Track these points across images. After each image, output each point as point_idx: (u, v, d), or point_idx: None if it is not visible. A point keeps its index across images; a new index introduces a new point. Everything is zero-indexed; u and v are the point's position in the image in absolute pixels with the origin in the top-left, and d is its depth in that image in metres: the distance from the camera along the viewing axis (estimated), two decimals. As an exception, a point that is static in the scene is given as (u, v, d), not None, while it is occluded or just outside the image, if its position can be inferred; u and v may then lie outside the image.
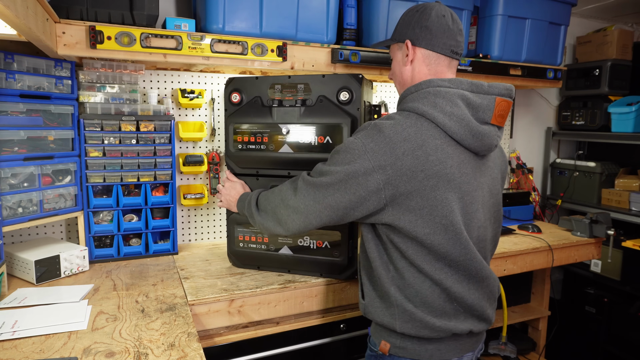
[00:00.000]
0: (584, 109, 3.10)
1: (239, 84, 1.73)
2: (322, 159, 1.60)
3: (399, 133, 1.15)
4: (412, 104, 1.21)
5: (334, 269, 1.70)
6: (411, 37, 1.29)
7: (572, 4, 2.50)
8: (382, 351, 1.27)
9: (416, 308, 1.21)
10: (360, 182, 1.16)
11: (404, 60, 1.33)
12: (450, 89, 1.19)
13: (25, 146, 1.64)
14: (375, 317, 1.28)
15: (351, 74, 1.61)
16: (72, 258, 1.70)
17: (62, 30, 1.56)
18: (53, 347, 1.16)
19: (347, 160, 1.18)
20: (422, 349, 1.23)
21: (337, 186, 1.19)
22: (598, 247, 2.39)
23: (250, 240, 1.78)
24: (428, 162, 1.14)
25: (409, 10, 1.35)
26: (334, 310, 1.76)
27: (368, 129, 1.19)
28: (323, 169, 1.25)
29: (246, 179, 1.75)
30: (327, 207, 1.22)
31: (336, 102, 1.62)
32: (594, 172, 3.03)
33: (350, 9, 2.07)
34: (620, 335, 2.79)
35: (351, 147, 1.18)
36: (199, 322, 1.52)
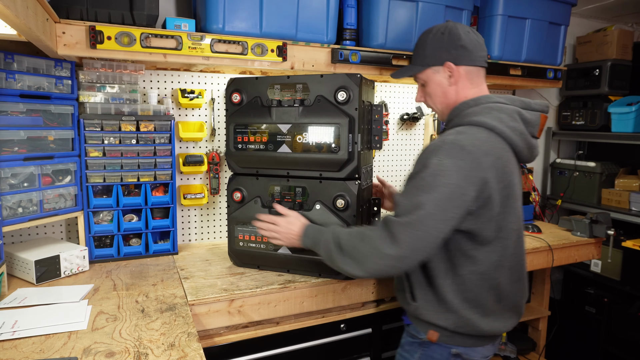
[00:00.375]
0: (584, 109, 3.10)
1: (240, 85, 1.74)
2: (319, 159, 1.62)
3: (479, 147, 1.22)
4: (477, 118, 1.29)
5: (332, 270, 1.64)
6: (451, 59, 1.38)
7: (572, 4, 2.49)
8: (430, 339, 1.38)
9: (471, 311, 1.32)
10: (457, 203, 1.20)
11: (448, 81, 1.41)
12: (508, 106, 1.33)
13: (25, 146, 1.64)
14: (428, 318, 1.36)
15: (349, 74, 1.60)
16: (72, 258, 1.70)
17: (62, 30, 1.56)
18: (53, 347, 1.16)
19: (439, 183, 1.20)
20: (469, 341, 1.37)
21: (438, 215, 1.19)
22: (598, 247, 2.39)
23: (249, 239, 1.78)
24: (505, 173, 1.26)
25: (431, 35, 1.42)
26: (334, 310, 1.76)
27: (448, 148, 1.22)
28: (413, 202, 1.21)
29: (246, 179, 1.76)
30: (433, 239, 1.21)
31: (334, 101, 1.61)
32: (594, 172, 3.03)
33: (350, 9, 2.07)
34: (620, 335, 2.79)
35: (440, 169, 1.20)
36: (199, 322, 1.52)
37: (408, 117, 2.62)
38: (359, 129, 1.61)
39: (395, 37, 2.07)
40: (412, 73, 1.48)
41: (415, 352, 1.44)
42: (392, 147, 2.66)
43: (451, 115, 1.41)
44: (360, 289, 1.76)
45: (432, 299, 1.36)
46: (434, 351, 1.39)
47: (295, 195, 1.70)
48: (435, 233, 1.21)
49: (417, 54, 1.48)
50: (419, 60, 1.46)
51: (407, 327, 1.51)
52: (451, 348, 1.37)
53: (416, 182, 1.24)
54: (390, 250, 1.22)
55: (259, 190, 1.76)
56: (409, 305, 1.42)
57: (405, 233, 1.20)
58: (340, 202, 1.63)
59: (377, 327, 1.86)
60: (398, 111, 2.65)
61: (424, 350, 1.42)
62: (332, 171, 1.65)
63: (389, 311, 1.87)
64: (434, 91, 1.45)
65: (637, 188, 2.87)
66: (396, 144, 2.67)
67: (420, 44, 1.47)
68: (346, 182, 1.64)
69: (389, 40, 2.06)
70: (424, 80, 1.47)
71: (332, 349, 1.78)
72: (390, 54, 2.06)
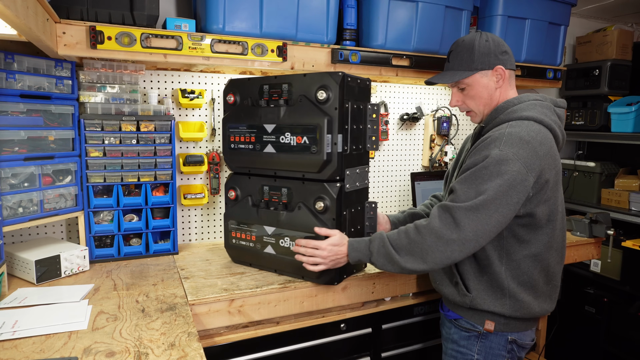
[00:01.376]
0: (584, 109, 3.10)
1: (234, 85, 1.77)
2: (300, 160, 1.59)
3: (535, 138, 1.34)
4: (526, 113, 1.40)
5: (312, 273, 1.62)
6: (500, 63, 1.49)
7: (572, 4, 2.49)
8: (487, 330, 1.46)
9: (526, 294, 1.41)
10: (519, 189, 1.31)
11: (496, 84, 1.51)
12: (546, 102, 1.46)
13: (25, 146, 1.64)
14: (486, 307, 1.44)
15: (331, 72, 1.54)
16: (72, 258, 1.70)
17: (63, 30, 1.56)
18: (53, 347, 1.16)
19: (502, 171, 1.30)
20: (522, 325, 1.47)
21: (500, 200, 1.30)
22: (598, 247, 2.39)
23: (241, 237, 1.81)
24: (555, 161, 1.40)
25: (477, 41, 1.50)
26: (334, 310, 1.76)
27: (507, 139, 1.33)
28: (475, 188, 1.31)
29: (241, 178, 1.79)
30: (495, 224, 1.31)
31: (314, 101, 1.56)
32: (593, 172, 3.03)
33: (350, 9, 2.07)
34: (620, 335, 2.79)
35: (502, 158, 1.31)
36: (199, 321, 1.52)
37: (408, 117, 2.62)
38: (341, 130, 1.55)
39: (395, 37, 2.07)
40: (461, 77, 1.52)
41: (473, 346, 1.49)
42: (392, 147, 2.66)
43: (494, 114, 1.49)
44: (360, 289, 1.76)
45: (487, 287, 1.44)
46: (492, 341, 1.47)
47: (281, 195, 1.70)
48: (497, 217, 1.30)
49: (462, 60, 1.52)
50: (466, 65, 1.51)
51: (456, 322, 1.54)
52: (507, 335, 1.46)
53: (477, 171, 1.33)
54: (455, 235, 1.31)
55: (251, 190, 1.78)
56: (463, 297, 1.47)
57: (469, 217, 1.30)
58: (319, 204, 1.58)
59: (377, 327, 1.86)
60: (398, 111, 2.65)
61: (482, 342, 1.48)
62: (313, 172, 1.60)
63: (389, 311, 1.87)
64: (479, 94, 1.52)
65: (637, 188, 2.87)
66: (396, 144, 2.67)
67: (464, 50, 1.51)
68: (325, 184, 1.58)
69: (389, 40, 2.06)
70: (466, 84, 1.53)
71: (332, 349, 1.78)
72: (390, 54, 2.07)
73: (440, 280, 1.58)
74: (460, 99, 1.58)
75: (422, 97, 2.71)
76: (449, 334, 1.59)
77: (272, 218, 1.71)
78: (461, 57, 1.52)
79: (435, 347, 2.00)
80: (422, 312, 1.95)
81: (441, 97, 2.77)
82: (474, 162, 1.37)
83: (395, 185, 2.69)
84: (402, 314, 1.90)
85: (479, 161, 1.35)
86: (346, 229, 1.63)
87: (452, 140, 2.77)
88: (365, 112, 1.68)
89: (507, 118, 1.43)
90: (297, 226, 1.65)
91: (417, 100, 2.70)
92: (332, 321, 1.75)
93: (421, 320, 1.95)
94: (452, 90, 1.60)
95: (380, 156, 2.63)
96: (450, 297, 1.53)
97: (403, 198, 2.73)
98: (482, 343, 1.48)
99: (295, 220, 1.64)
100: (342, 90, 1.53)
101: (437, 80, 1.61)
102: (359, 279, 1.75)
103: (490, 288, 1.44)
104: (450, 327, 1.58)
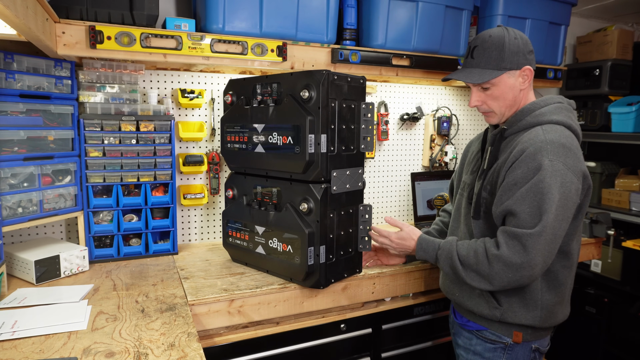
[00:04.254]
0: (584, 109, 3.10)
1: (233, 85, 1.80)
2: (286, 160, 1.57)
3: (572, 144, 1.33)
4: (556, 117, 1.38)
5: (297, 275, 1.60)
6: (528, 63, 1.43)
7: (572, 3, 2.49)
8: (515, 341, 1.43)
9: (557, 304, 1.41)
10: (574, 199, 1.31)
11: (522, 84, 1.44)
12: (567, 105, 1.44)
13: (25, 146, 1.64)
14: (516, 320, 1.40)
15: (315, 70, 1.51)
16: (72, 258, 1.70)
17: (62, 30, 1.56)
18: (53, 347, 1.15)
19: (559, 183, 1.27)
20: (544, 332, 1.47)
21: (562, 215, 1.28)
22: (598, 247, 2.39)
23: (236, 236, 1.83)
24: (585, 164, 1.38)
25: (507, 39, 1.40)
26: (334, 310, 1.76)
27: (552, 148, 1.29)
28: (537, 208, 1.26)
29: (238, 177, 1.82)
30: (559, 240, 1.30)
31: (299, 100, 1.53)
32: (594, 172, 3.03)
33: (350, 8, 2.07)
34: (620, 335, 2.79)
35: (556, 169, 1.27)
36: (199, 322, 1.52)
37: (408, 117, 2.62)
38: (325, 130, 1.50)
39: (395, 37, 2.07)
40: (490, 78, 1.41)
41: (499, 358, 1.46)
42: (392, 147, 2.66)
43: (519, 116, 1.43)
44: (360, 289, 1.76)
45: (520, 300, 1.40)
46: (518, 352, 1.44)
47: (272, 195, 1.69)
48: (561, 233, 1.29)
49: (490, 57, 1.41)
50: (494, 63, 1.41)
51: (479, 333, 1.50)
52: (532, 344, 1.44)
53: (534, 186, 1.27)
54: (524, 263, 1.27)
55: (246, 189, 1.79)
56: (493, 310, 1.42)
57: (539, 242, 1.26)
58: (304, 205, 1.55)
59: (377, 327, 1.86)
60: (398, 111, 2.65)
61: (509, 353, 1.45)
62: (298, 173, 1.57)
63: (389, 311, 1.87)
64: (504, 95, 1.44)
65: (637, 188, 2.87)
66: (396, 144, 2.67)
67: (493, 48, 1.41)
68: (310, 185, 1.55)
69: (389, 40, 2.06)
70: (492, 84, 1.43)
71: (332, 349, 1.78)
72: (390, 54, 2.06)
73: (460, 292, 1.52)
74: (482, 99, 1.47)
75: (422, 97, 2.71)
76: (470, 345, 1.53)
77: (263, 218, 1.70)
78: (489, 54, 1.41)
79: (435, 347, 2.00)
80: (422, 313, 1.94)
81: (441, 97, 2.77)
82: (525, 176, 1.29)
83: (395, 185, 2.69)
84: (402, 314, 1.90)
85: (530, 175, 1.28)
86: (333, 232, 1.59)
87: (452, 140, 2.77)
88: (358, 111, 1.62)
89: (535, 121, 1.39)
90: (284, 227, 1.62)
91: (417, 100, 2.70)
92: (332, 321, 1.75)
93: (421, 320, 1.95)
94: (472, 89, 1.49)
95: (380, 156, 2.63)
96: (475, 310, 1.47)
97: (403, 198, 2.73)
98: (509, 355, 1.44)
99: (282, 220, 1.63)
100: (325, 89, 1.48)
101: (463, 78, 1.45)
102: (359, 279, 1.74)
103: (522, 300, 1.39)
104: (471, 338, 1.53)
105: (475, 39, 1.47)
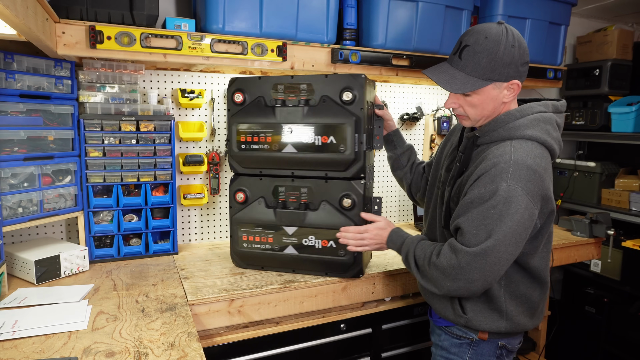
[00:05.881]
0: (584, 109, 3.10)
1: (242, 84, 1.72)
2: (326, 159, 1.64)
3: (540, 165, 1.27)
4: (529, 132, 1.30)
5: (339, 268, 1.70)
6: (518, 77, 1.33)
7: (572, 4, 2.49)
8: (481, 337, 1.42)
9: (523, 315, 1.39)
10: (527, 225, 1.26)
11: (506, 97, 1.35)
12: (548, 114, 1.35)
13: (25, 146, 1.64)
14: (481, 327, 1.40)
15: (353, 74, 1.61)
16: (72, 258, 1.70)
17: (62, 30, 1.56)
18: (53, 347, 1.16)
19: (512, 211, 1.23)
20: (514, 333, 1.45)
21: (510, 240, 1.24)
22: (598, 247, 2.39)
23: (254, 240, 1.77)
24: (551, 183, 1.34)
25: (502, 47, 1.28)
26: (334, 310, 1.76)
27: (514, 171, 1.23)
28: (484, 230, 1.24)
29: (249, 179, 1.75)
30: (505, 263, 1.27)
31: (339, 102, 1.62)
32: (594, 172, 3.03)
33: (350, 8, 2.07)
34: (620, 335, 2.79)
35: (511, 195, 1.22)
36: (199, 322, 1.52)
37: (408, 117, 2.62)
38: (364, 129, 1.62)
39: (395, 37, 2.07)
40: (473, 88, 1.31)
41: (464, 353, 1.46)
42: (392, 147, 2.66)
43: (492, 126, 1.35)
44: (360, 289, 1.76)
45: (484, 309, 1.39)
46: (484, 348, 1.44)
47: (300, 195, 1.71)
48: (507, 257, 1.26)
49: (478, 64, 1.30)
50: (482, 72, 1.30)
51: (447, 329, 1.50)
52: (498, 341, 1.43)
53: (486, 211, 1.24)
54: (459, 276, 1.27)
55: (263, 191, 1.75)
56: (458, 317, 1.41)
57: (477, 261, 1.24)
58: (347, 201, 1.65)
59: (377, 327, 1.86)
60: (398, 111, 2.65)
61: (474, 349, 1.44)
62: (338, 171, 1.66)
63: (389, 311, 1.87)
64: (484, 104, 1.34)
65: (637, 188, 2.87)
66: (396, 144, 2.67)
67: (484, 54, 1.28)
68: (352, 181, 1.65)
69: (389, 40, 2.06)
70: (474, 92, 1.33)
71: (332, 349, 1.78)
72: (390, 54, 2.06)
73: (431, 295, 1.51)
74: (459, 104, 1.39)
75: (422, 97, 2.71)
76: (439, 341, 1.53)
77: (294, 217, 1.71)
78: (478, 60, 1.29)
79: (435, 347, 2.00)
80: (422, 313, 1.94)
81: (441, 97, 2.77)
82: (481, 197, 1.26)
83: (395, 185, 2.69)
84: (402, 314, 1.90)
85: (486, 197, 1.24)
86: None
87: (452, 140, 2.77)
88: (373, 111, 1.74)
89: (507, 135, 1.32)
90: (322, 224, 1.69)
91: (417, 100, 2.70)
92: (332, 321, 1.75)
93: (421, 320, 1.95)
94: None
95: (381, 156, 2.63)
96: (442, 313, 1.47)
97: (403, 198, 2.73)
98: (474, 350, 1.44)
99: (320, 218, 1.68)
100: (365, 91, 1.60)
101: (444, 84, 1.35)
102: (359, 279, 1.75)
103: (487, 310, 1.39)
104: (440, 334, 1.53)
105: (469, 35, 1.32)
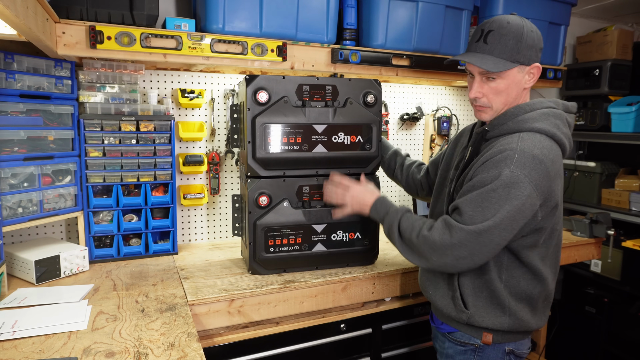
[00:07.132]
0: (584, 109, 3.10)
1: (264, 83, 1.65)
2: (354, 156, 1.75)
3: (547, 157, 1.26)
4: (538, 124, 1.30)
5: (365, 257, 1.84)
6: (538, 60, 1.35)
7: (572, 4, 2.49)
8: (485, 342, 1.40)
9: (525, 312, 1.37)
10: (526, 213, 1.25)
11: (528, 83, 1.35)
12: (559, 111, 1.35)
13: (25, 146, 1.64)
14: (483, 324, 1.37)
15: (372, 80, 1.79)
16: (72, 258, 1.70)
17: (62, 30, 1.56)
18: (53, 347, 1.16)
19: (512, 195, 1.22)
20: (519, 336, 1.42)
21: (506, 225, 1.24)
22: (598, 247, 2.39)
23: (282, 243, 1.73)
24: (561, 178, 1.33)
25: (525, 30, 1.30)
26: (334, 310, 1.76)
27: (519, 158, 1.23)
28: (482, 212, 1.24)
29: (271, 182, 1.71)
30: (495, 246, 1.27)
31: (362, 104, 1.76)
32: (594, 172, 3.03)
33: (350, 8, 2.07)
34: (620, 335, 2.79)
35: (513, 180, 1.22)
36: (199, 322, 1.52)
37: (408, 117, 2.62)
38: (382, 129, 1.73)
39: (395, 37, 2.07)
40: (504, 68, 1.29)
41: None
42: (392, 147, 2.66)
43: (501, 119, 1.35)
44: (360, 289, 1.76)
45: (486, 304, 1.37)
46: (489, 354, 1.41)
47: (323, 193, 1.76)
48: (499, 241, 1.26)
49: (506, 46, 1.29)
50: (509, 54, 1.29)
51: (450, 335, 1.46)
52: (505, 346, 1.40)
53: (486, 193, 1.25)
54: (452, 251, 1.27)
55: (286, 192, 1.73)
56: (460, 313, 1.39)
57: (468, 238, 1.25)
58: None
59: (377, 327, 1.86)
60: (398, 111, 2.65)
61: (479, 355, 1.42)
62: (362, 167, 1.81)
63: (389, 311, 1.87)
64: (509, 90, 1.33)
65: (637, 188, 2.87)
66: (396, 144, 2.67)
67: (510, 36, 1.29)
68: (372, 176, 1.83)
69: (389, 40, 2.06)
70: (499, 76, 1.32)
71: (332, 349, 1.78)
72: (390, 54, 2.06)
73: (434, 290, 1.49)
74: (484, 92, 1.35)
75: (422, 97, 2.71)
76: (443, 349, 1.50)
77: (321, 215, 1.76)
78: (505, 42, 1.28)
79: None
80: (422, 313, 1.94)
81: (441, 97, 2.77)
82: (483, 181, 1.26)
83: (395, 185, 2.69)
84: (402, 314, 1.90)
85: (488, 181, 1.25)
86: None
87: (452, 140, 2.77)
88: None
89: (516, 127, 1.31)
90: (348, 217, 1.76)
91: (417, 100, 2.70)
92: (332, 321, 1.75)
93: (421, 320, 1.95)
94: (475, 79, 1.36)
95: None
96: (444, 310, 1.44)
97: (403, 198, 2.73)
98: (480, 357, 1.41)
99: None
100: (381, 95, 1.81)
101: (477, 62, 1.30)
102: (359, 279, 1.75)
103: (490, 305, 1.37)
104: (444, 341, 1.49)
105: (490, 22, 1.33)
